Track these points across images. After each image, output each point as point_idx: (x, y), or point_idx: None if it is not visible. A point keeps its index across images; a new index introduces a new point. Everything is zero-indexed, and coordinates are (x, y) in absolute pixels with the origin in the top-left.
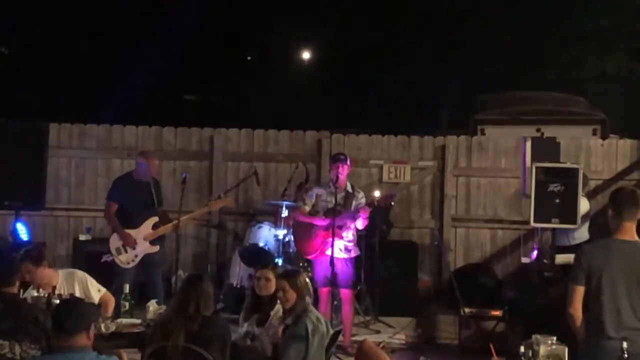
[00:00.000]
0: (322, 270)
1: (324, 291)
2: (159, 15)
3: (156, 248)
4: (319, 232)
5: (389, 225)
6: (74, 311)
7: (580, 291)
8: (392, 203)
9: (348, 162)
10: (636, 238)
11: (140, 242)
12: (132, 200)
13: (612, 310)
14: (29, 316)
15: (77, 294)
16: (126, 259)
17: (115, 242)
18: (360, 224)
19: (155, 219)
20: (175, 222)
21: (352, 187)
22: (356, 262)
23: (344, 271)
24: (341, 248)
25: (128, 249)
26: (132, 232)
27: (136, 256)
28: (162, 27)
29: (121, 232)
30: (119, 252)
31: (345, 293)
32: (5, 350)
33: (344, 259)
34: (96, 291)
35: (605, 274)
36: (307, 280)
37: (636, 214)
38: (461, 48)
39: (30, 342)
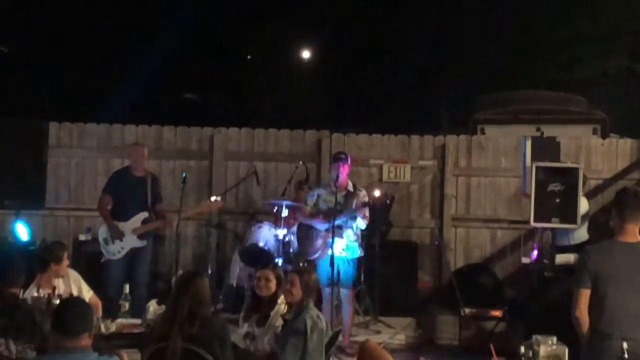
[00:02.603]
0: (324, 270)
1: (327, 291)
2: (159, 15)
3: (143, 243)
4: (320, 233)
5: (388, 225)
6: (80, 312)
7: (586, 294)
8: (389, 201)
9: (349, 162)
10: (639, 239)
11: (127, 235)
12: (125, 194)
13: (616, 312)
14: (26, 316)
15: (75, 293)
16: (113, 250)
17: (103, 232)
18: (362, 223)
19: (145, 214)
20: (163, 220)
21: (354, 186)
22: (357, 262)
23: (346, 271)
24: (343, 248)
25: (115, 241)
26: (121, 224)
27: (122, 248)
28: (163, 26)
29: (110, 224)
30: (106, 242)
31: (345, 293)
32: (2, 348)
33: (346, 259)
34: (87, 291)
35: (610, 276)
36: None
37: (639, 217)
38: (461, 48)
39: (25, 342)
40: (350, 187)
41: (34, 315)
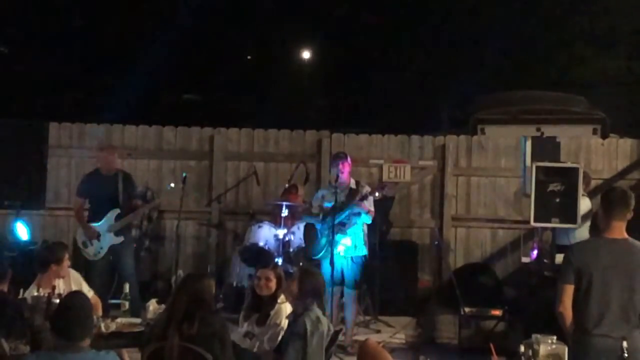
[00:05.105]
0: (328, 269)
1: (328, 290)
2: (159, 15)
3: (120, 239)
4: (323, 232)
5: (389, 225)
6: (80, 317)
7: (570, 290)
8: (384, 189)
9: (348, 160)
10: (625, 236)
11: (104, 234)
12: (97, 194)
13: (601, 308)
14: (14, 312)
15: None
16: (93, 251)
17: (80, 235)
18: (366, 217)
19: (117, 211)
20: (135, 212)
21: (357, 182)
22: (361, 261)
23: (350, 270)
24: (348, 246)
25: (94, 242)
26: (95, 225)
27: (102, 248)
28: (162, 26)
29: (84, 226)
30: (85, 245)
31: (349, 293)
32: None
33: (351, 257)
34: (87, 291)
35: (595, 272)
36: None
37: (626, 214)
38: (461, 48)
39: (17, 338)
40: (353, 185)
41: (22, 311)
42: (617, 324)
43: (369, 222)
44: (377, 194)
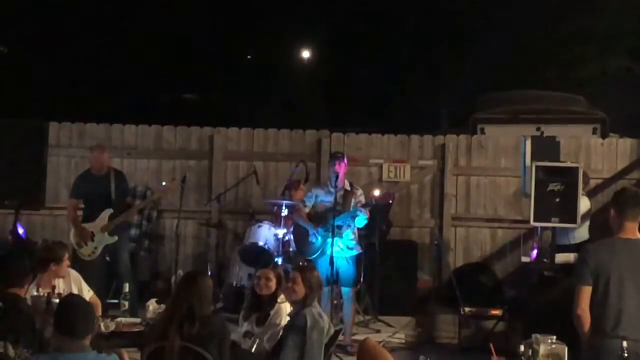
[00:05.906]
0: (324, 269)
1: (326, 290)
2: (159, 15)
3: (115, 239)
4: (317, 234)
5: (389, 224)
6: (84, 314)
7: (588, 291)
8: (391, 202)
9: (346, 161)
10: (639, 236)
11: (98, 235)
12: (90, 195)
13: (618, 309)
14: (26, 322)
15: (75, 293)
16: (87, 252)
17: (75, 236)
18: (361, 222)
19: (110, 210)
20: (128, 211)
21: (351, 185)
22: (357, 260)
23: (346, 270)
24: (342, 247)
25: (88, 242)
26: (89, 225)
27: (96, 248)
28: (163, 26)
29: (77, 227)
30: (80, 246)
31: (347, 292)
32: (0, 350)
33: (346, 257)
34: (87, 292)
35: (613, 273)
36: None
37: (638, 216)
38: (461, 48)
39: (25, 347)
40: (348, 186)
41: (34, 321)
42: (636, 326)
43: (361, 226)
44: (391, 201)
